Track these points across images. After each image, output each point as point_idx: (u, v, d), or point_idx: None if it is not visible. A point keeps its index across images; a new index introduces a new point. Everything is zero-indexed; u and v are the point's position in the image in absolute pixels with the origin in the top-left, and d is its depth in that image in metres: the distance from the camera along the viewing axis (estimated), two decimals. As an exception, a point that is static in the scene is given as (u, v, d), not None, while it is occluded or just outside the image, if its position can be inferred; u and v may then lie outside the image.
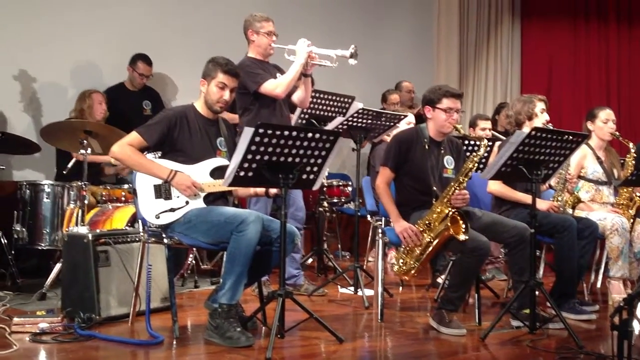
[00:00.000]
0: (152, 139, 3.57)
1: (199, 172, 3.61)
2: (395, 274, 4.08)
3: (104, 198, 5.05)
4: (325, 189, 5.69)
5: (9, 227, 4.82)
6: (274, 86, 4.43)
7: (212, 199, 3.63)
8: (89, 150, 4.56)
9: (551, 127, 4.22)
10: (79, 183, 4.67)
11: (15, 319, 3.49)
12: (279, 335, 3.28)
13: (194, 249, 4.80)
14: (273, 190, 3.65)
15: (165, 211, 3.53)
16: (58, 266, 4.42)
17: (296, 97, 4.62)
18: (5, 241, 4.75)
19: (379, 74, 7.55)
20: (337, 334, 3.37)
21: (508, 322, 3.84)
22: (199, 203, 3.56)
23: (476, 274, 3.89)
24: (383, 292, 4.04)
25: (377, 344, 3.61)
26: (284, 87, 4.42)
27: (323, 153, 3.34)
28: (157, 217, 3.51)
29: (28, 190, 4.87)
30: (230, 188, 3.54)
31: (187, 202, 3.54)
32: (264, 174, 3.24)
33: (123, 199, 5.08)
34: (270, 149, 3.18)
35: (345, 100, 5.03)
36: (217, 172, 3.65)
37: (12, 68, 5.64)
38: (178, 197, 3.55)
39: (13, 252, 4.77)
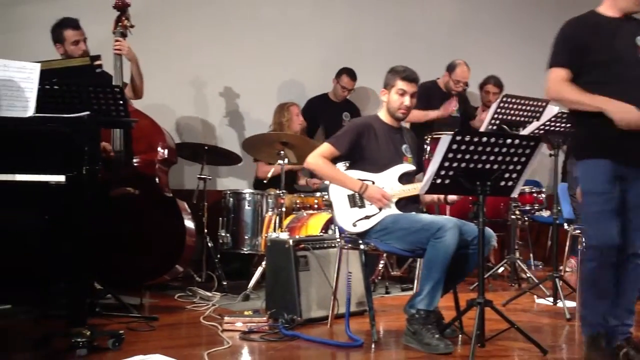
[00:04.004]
0: (343, 148, 3.70)
1: (388, 179, 3.69)
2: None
3: (298, 205, 5.30)
4: (517, 195, 5.52)
5: (215, 233, 5.21)
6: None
7: (404, 204, 3.68)
8: (286, 161, 4.82)
9: None
10: (277, 191, 4.94)
11: (226, 318, 3.75)
12: (479, 344, 3.23)
13: (384, 255, 4.89)
14: (452, 197, 3.64)
15: (361, 219, 3.62)
16: (259, 269, 4.69)
17: None
18: (212, 245, 5.13)
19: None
20: (541, 345, 3.26)
21: None
22: (392, 209, 3.63)
23: None
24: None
25: (582, 358, 3.43)
26: None
27: (522, 159, 3.25)
28: (354, 225, 3.62)
29: (231, 199, 5.24)
30: (425, 194, 3.57)
31: (380, 209, 3.62)
32: (461, 182, 3.22)
33: (316, 206, 5.30)
34: (467, 156, 3.15)
35: (539, 104, 4.85)
36: (405, 178, 3.72)
37: (219, 86, 6.13)
38: (371, 204, 3.63)
39: (219, 256, 5.14)
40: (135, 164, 4.48)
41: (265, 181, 5.20)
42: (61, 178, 2.96)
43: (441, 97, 5.94)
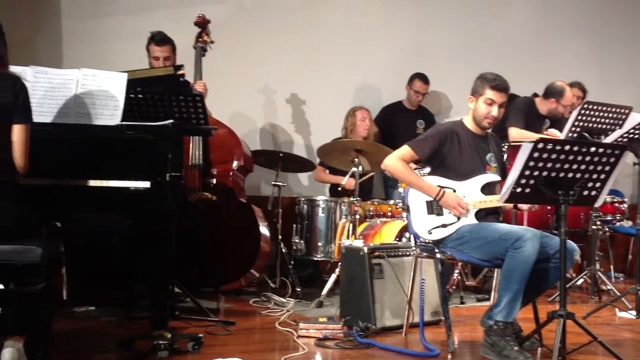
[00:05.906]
0: (423, 153, 3.65)
1: (470, 189, 3.62)
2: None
3: (371, 213, 5.29)
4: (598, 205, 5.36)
5: (289, 239, 5.25)
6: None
7: (484, 214, 3.62)
8: (360, 168, 4.82)
9: None
10: (351, 199, 4.95)
11: (301, 324, 3.77)
12: (560, 358, 3.15)
13: (459, 264, 4.82)
14: (524, 207, 3.58)
15: (437, 227, 3.58)
16: (333, 276, 4.71)
17: None
18: (286, 252, 5.18)
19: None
20: (625, 360, 3.15)
21: None
22: (470, 219, 3.57)
23: None
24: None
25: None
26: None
27: (607, 168, 3.15)
28: (430, 232, 3.58)
29: (305, 205, 5.28)
30: (506, 204, 3.50)
31: (458, 218, 3.57)
32: (542, 191, 3.15)
33: (389, 214, 5.27)
34: (549, 165, 3.07)
35: (622, 111, 4.70)
36: (488, 188, 3.64)
37: (293, 93, 6.20)
38: (449, 212, 3.59)
39: (292, 262, 5.18)
40: (213, 173, 4.58)
41: (339, 188, 5.22)
42: (146, 184, 3.06)
43: (537, 118, 5.54)
